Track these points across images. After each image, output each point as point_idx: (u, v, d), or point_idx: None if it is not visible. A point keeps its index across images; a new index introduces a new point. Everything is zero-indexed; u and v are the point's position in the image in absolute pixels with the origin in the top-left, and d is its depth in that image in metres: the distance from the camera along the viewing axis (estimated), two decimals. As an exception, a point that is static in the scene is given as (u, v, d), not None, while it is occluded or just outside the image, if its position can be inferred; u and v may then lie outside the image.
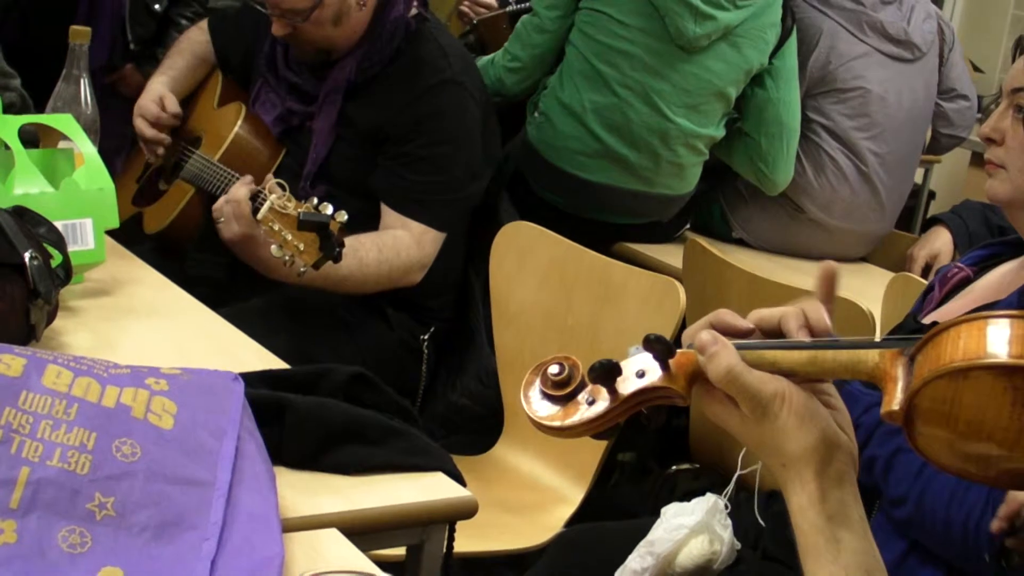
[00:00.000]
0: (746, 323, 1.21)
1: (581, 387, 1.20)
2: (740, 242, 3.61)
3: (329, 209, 2.15)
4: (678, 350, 1.19)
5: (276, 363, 1.89)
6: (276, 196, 2.19)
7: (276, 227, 2.18)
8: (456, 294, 2.90)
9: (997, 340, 1.01)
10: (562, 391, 1.20)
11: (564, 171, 3.32)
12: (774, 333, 1.20)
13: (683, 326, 2.44)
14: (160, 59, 3.16)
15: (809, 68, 3.43)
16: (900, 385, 1.07)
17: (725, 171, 3.58)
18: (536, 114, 3.36)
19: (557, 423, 1.20)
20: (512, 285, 2.69)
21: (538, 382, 1.22)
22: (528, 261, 2.67)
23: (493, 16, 4.09)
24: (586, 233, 2.94)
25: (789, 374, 1.14)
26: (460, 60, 2.79)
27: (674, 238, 3.54)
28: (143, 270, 2.29)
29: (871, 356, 1.11)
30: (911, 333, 1.36)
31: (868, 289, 2.76)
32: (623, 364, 1.19)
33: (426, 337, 2.82)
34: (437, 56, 2.73)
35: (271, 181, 2.24)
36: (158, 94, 2.92)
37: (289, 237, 2.17)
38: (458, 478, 1.68)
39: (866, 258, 3.68)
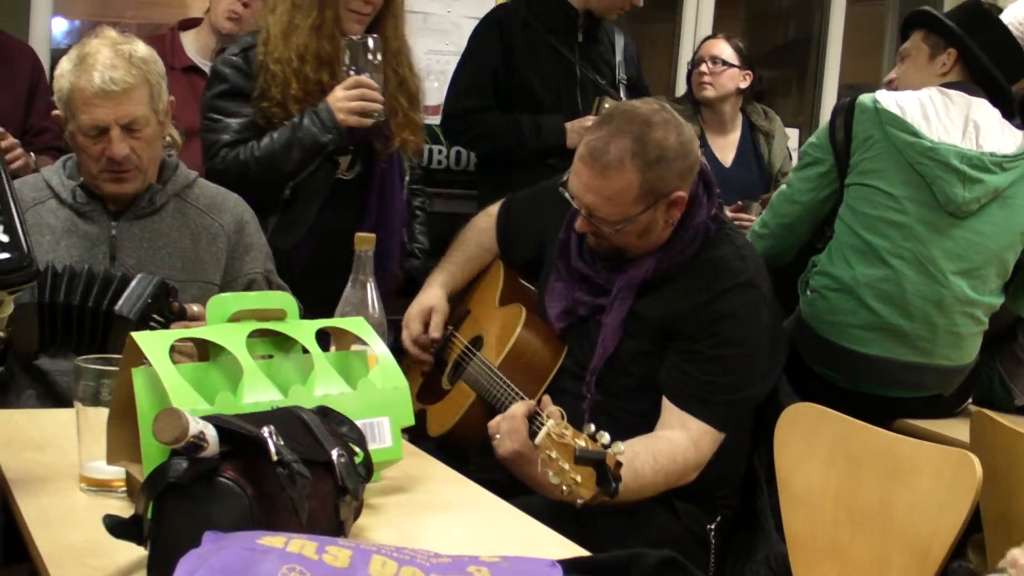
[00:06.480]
0: None
1: None
2: (1024, 410, 3.47)
3: (606, 438, 2.13)
4: None
5: (578, 551, 1.88)
6: (554, 423, 2.17)
7: (553, 455, 2.16)
8: (742, 481, 2.85)
9: None
10: None
11: (840, 345, 3.27)
12: None
13: (977, 503, 2.35)
14: None
15: None
16: None
17: (1000, 338, 3.48)
18: (808, 292, 3.34)
19: None
20: (798, 467, 2.62)
21: None
22: (813, 442, 2.60)
23: None
24: (866, 409, 2.86)
25: None
26: (754, 262, 2.78)
27: (955, 413, 3.42)
28: (435, 466, 2.32)
29: None
30: None
31: None
32: None
33: (713, 527, 2.77)
34: (734, 258, 2.73)
35: (551, 407, 2.24)
36: (428, 307, 3.02)
37: (566, 467, 2.14)
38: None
39: None
